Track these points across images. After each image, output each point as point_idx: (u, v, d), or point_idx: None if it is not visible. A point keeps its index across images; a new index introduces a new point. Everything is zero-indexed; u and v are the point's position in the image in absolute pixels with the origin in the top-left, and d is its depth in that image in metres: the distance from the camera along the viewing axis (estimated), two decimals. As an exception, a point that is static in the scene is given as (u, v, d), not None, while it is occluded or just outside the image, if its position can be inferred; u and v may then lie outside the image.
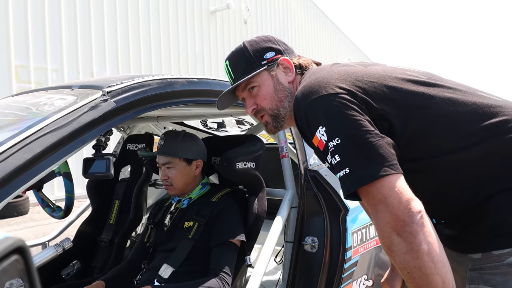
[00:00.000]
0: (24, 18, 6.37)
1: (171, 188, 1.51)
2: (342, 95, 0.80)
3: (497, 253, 0.85)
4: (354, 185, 0.75)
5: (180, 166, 1.50)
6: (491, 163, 0.83)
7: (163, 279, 1.36)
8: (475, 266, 0.89)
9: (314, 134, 0.82)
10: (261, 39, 1.05)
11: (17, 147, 0.76)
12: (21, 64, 6.33)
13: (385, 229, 0.73)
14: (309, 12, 15.93)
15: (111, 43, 7.76)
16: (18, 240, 0.31)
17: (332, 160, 0.78)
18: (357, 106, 0.79)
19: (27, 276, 0.32)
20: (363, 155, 0.75)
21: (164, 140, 1.51)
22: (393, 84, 0.85)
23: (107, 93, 0.99)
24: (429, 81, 0.89)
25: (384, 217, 0.73)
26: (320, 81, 0.85)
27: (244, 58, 1.03)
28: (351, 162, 0.75)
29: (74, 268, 1.78)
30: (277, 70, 1.02)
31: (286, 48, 1.06)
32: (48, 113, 0.89)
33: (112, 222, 1.90)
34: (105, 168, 1.01)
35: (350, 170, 0.75)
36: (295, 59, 1.04)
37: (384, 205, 0.73)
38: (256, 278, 1.19)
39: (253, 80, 1.02)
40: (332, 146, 0.77)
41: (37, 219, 5.54)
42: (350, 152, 0.76)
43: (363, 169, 0.74)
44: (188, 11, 9.70)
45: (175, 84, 1.18)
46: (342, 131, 0.77)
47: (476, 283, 0.89)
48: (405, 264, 0.73)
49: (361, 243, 1.55)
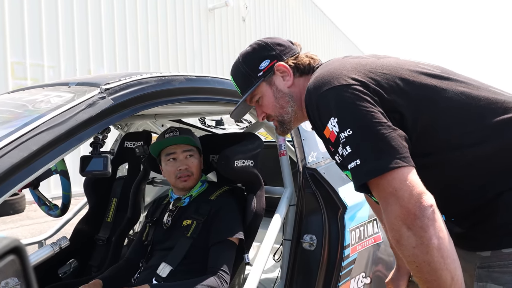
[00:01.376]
0: (20, 13, 6.32)
1: (191, 178, 1.49)
2: (355, 86, 0.80)
3: (507, 252, 0.85)
4: (365, 177, 0.74)
5: (197, 156, 1.52)
6: (502, 160, 0.83)
7: (161, 277, 1.35)
8: (484, 264, 0.89)
9: (325, 125, 0.81)
10: (254, 49, 1.04)
11: (13, 145, 0.75)
12: (17, 61, 6.29)
13: (395, 222, 0.72)
14: (307, 10, 15.91)
15: (109, 40, 7.71)
16: (14, 240, 0.31)
17: (344, 152, 0.77)
18: (370, 97, 0.79)
19: (23, 276, 0.31)
20: (375, 147, 0.74)
21: (179, 131, 1.51)
22: (405, 76, 0.85)
23: (104, 91, 0.98)
24: (442, 74, 0.88)
25: (395, 210, 0.72)
26: (333, 72, 0.84)
27: (241, 73, 1.04)
28: (362, 153, 0.75)
29: (71, 266, 1.77)
30: (274, 78, 1.01)
31: (283, 49, 1.03)
32: (45, 110, 0.88)
33: (109, 220, 1.89)
34: (103, 166, 1.00)
35: (361, 161, 0.74)
36: (291, 60, 1.01)
37: (394, 198, 0.72)
38: (255, 276, 1.19)
39: (255, 93, 1.04)
40: (344, 137, 0.77)
41: (34, 217, 5.51)
42: (361, 143, 0.75)
43: (374, 160, 0.73)
44: (186, 8, 9.66)
45: (173, 81, 1.17)
46: (354, 122, 0.77)
47: (484, 281, 0.89)
48: (414, 258, 0.72)
49: (359, 240, 1.55)
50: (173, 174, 1.48)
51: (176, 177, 1.48)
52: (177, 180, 1.49)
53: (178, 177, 1.48)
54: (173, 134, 1.49)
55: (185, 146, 1.49)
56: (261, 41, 1.04)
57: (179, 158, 1.48)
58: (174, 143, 1.49)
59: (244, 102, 1.06)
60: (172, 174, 1.49)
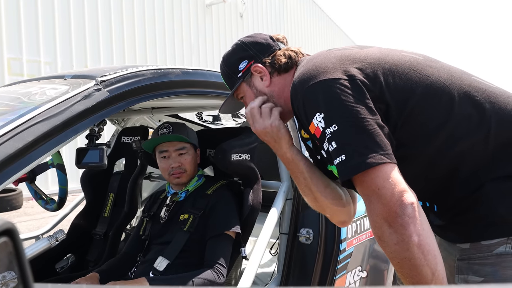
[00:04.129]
0: (16, 9, 6.27)
1: (184, 175, 1.49)
2: (341, 81, 0.79)
3: (486, 243, 0.86)
4: (350, 172, 0.75)
5: (191, 152, 1.52)
6: (483, 151, 0.83)
7: (159, 271, 1.35)
8: (463, 256, 0.90)
9: (311, 121, 0.81)
10: (233, 50, 1.04)
11: (8, 136, 0.75)
12: (14, 57, 6.25)
13: (377, 220, 0.73)
14: (305, 6, 15.87)
15: (106, 36, 7.67)
16: (7, 222, 0.31)
17: (329, 147, 0.78)
18: (356, 91, 0.79)
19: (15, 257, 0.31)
20: (360, 143, 0.75)
21: (172, 127, 1.50)
22: (390, 65, 0.85)
23: (100, 83, 0.98)
24: (425, 61, 0.88)
25: (377, 208, 0.73)
26: (318, 66, 0.84)
27: (224, 73, 1.06)
28: (347, 149, 0.75)
29: (68, 261, 1.77)
30: (253, 78, 1.01)
31: (260, 48, 1.01)
32: (40, 102, 0.88)
33: (106, 215, 1.89)
34: (99, 158, 1.00)
35: (346, 157, 0.75)
36: (268, 60, 1.00)
37: (377, 196, 0.73)
38: (251, 270, 1.19)
39: (238, 92, 1.05)
40: (330, 132, 0.77)
41: (31, 214, 5.50)
42: (347, 139, 0.76)
43: (359, 156, 0.74)
44: (183, 4, 9.61)
45: (169, 74, 1.17)
46: (340, 117, 0.77)
47: (465, 273, 0.90)
48: (396, 254, 0.73)
49: (355, 234, 1.56)
50: (166, 171, 1.50)
51: (170, 174, 1.49)
52: (170, 177, 1.50)
53: (171, 174, 1.49)
54: (166, 131, 1.49)
55: (178, 143, 1.49)
56: (240, 42, 1.04)
57: (172, 156, 1.49)
58: (166, 141, 1.49)
59: (233, 97, 1.07)
60: (166, 171, 1.50)
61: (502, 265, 0.85)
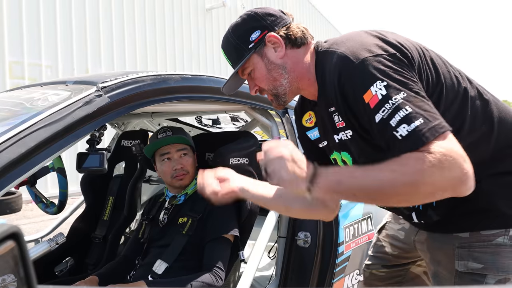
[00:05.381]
0: (18, 13, 6.31)
1: (187, 176, 1.51)
2: (396, 55, 0.82)
3: (485, 233, 0.91)
4: (431, 134, 0.73)
5: (192, 154, 1.55)
6: (482, 146, 0.88)
7: (157, 274, 1.36)
8: (463, 244, 0.94)
9: (368, 88, 0.79)
10: (243, 20, 0.99)
11: (11, 141, 0.77)
12: (15, 60, 6.27)
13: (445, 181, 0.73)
14: (304, 11, 15.93)
15: (107, 39, 7.70)
16: (13, 226, 0.32)
17: (398, 114, 0.75)
18: (409, 67, 0.82)
19: (21, 261, 0.33)
20: (430, 109, 0.76)
21: (171, 130, 1.53)
22: (425, 48, 0.91)
23: (101, 89, 1.00)
24: None
25: (452, 170, 0.72)
26: (366, 42, 0.85)
27: (231, 45, 1.00)
28: (423, 114, 0.74)
29: (68, 264, 1.78)
30: (266, 49, 0.97)
31: (274, 19, 0.98)
32: (42, 108, 0.90)
33: (106, 218, 1.90)
34: (99, 163, 1.01)
35: (424, 120, 0.74)
36: (283, 31, 0.97)
37: (451, 159, 0.72)
38: (249, 273, 1.20)
39: (246, 66, 1.00)
40: (400, 98, 0.76)
41: (30, 217, 5.50)
42: (419, 104, 0.76)
43: (435, 120, 0.74)
44: (184, 9, 9.66)
45: (169, 80, 1.18)
46: (407, 86, 0.78)
47: (465, 260, 0.94)
48: None
49: (353, 238, 1.57)
50: (169, 174, 1.50)
51: (172, 177, 1.50)
52: (173, 180, 1.51)
53: (174, 176, 1.49)
54: (166, 134, 1.51)
55: (179, 145, 1.51)
56: (251, 12, 1.00)
57: (174, 158, 1.50)
58: (168, 143, 1.51)
59: (236, 75, 1.03)
60: (168, 174, 1.50)
61: (502, 255, 0.90)
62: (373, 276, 1.33)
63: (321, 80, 0.93)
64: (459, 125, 0.87)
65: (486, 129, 0.89)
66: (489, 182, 0.88)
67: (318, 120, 1.06)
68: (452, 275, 0.97)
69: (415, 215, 1.00)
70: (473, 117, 0.89)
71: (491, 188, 0.88)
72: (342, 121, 0.94)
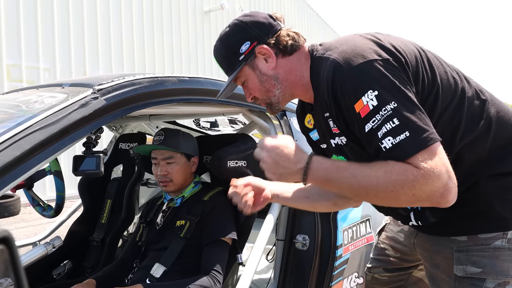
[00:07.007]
0: (16, 16, 6.30)
1: (171, 184, 1.49)
2: (390, 61, 0.81)
3: (483, 237, 0.90)
4: (417, 147, 0.74)
5: (181, 161, 1.50)
6: (480, 145, 0.88)
7: (155, 278, 1.36)
8: (461, 248, 0.93)
9: (359, 98, 0.79)
10: (232, 31, 0.97)
11: (6, 144, 0.76)
12: (13, 63, 6.26)
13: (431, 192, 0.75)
14: (303, 13, 15.97)
15: (104, 42, 7.70)
16: (3, 230, 0.32)
17: (385, 126, 0.76)
18: (402, 72, 0.81)
19: (12, 265, 0.32)
20: (420, 120, 0.76)
21: (164, 134, 1.49)
22: (421, 49, 0.91)
23: (97, 91, 0.99)
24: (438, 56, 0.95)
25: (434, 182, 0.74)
26: (359, 47, 0.84)
27: (222, 55, 0.99)
28: (411, 125, 0.75)
29: (65, 268, 1.77)
30: (257, 61, 0.96)
31: (262, 28, 0.95)
32: (38, 110, 0.89)
33: (103, 221, 1.89)
34: (95, 166, 1.01)
35: (410, 133, 0.74)
36: (272, 41, 0.95)
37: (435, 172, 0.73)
38: (248, 276, 1.20)
39: (239, 76, 0.99)
40: (390, 109, 0.76)
41: (28, 220, 5.48)
42: (409, 115, 0.76)
43: (423, 132, 0.75)
44: (182, 11, 9.67)
45: (166, 82, 1.18)
46: (398, 95, 0.77)
47: (464, 264, 0.93)
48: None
49: (351, 241, 1.57)
50: (156, 177, 1.52)
51: (158, 181, 1.52)
52: (159, 184, 1.53)
53: (159, 181, 1.51)
54: (158, 138, 1.49)
55: (166, 152, 1.48)
56: (239, 21, 0.97)
57: (160, 164, 1.50)
58: (154, 149, 1.50)
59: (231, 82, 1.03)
60: (156, 178, 1.52)
61: (500, 258, 0.90)
62: (375, 280, 1.33)
63: (316, 86, 0.93)
64: (456, 125, 0.87)
65: (483, 129, 0.89)
66: (488, 183, 0.88)
67: (316, 123, 1.07)
68: (451, 279, 0.97)
69: (413, 216, 1.00)
70: (471, 117, 0.88)
71: (489, 190, 0.88)
72: (336, 127, 0.94)
